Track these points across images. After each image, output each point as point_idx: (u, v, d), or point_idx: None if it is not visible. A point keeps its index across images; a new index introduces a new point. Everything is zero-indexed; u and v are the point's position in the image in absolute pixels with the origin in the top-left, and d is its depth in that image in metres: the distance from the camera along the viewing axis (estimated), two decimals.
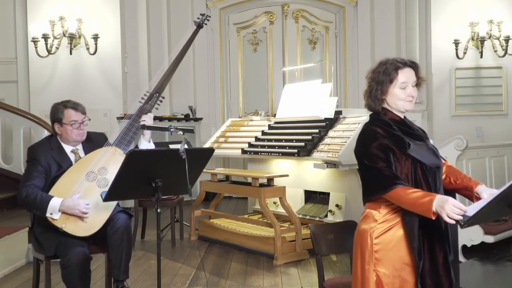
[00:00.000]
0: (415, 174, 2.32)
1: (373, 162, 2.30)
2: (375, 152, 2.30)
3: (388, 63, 2.41)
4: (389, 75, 2.38)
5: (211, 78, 8.84)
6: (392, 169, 2.28)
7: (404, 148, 2.31)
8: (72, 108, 3.43)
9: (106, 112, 7.41)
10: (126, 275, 3.44)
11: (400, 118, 2.43)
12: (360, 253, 2.39)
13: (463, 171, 4.84)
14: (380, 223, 2.34)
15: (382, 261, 2.33)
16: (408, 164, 2.31)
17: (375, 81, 2.41)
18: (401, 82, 2.38)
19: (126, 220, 3.42)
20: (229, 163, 8.33)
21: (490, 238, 4.55)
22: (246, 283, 4.27)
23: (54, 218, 3.21)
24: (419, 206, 2.20)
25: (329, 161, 4.97)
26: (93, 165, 3.35)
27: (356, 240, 2.44)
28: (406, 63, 2.41)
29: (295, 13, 8.83)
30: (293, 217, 5.04)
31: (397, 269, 2.32)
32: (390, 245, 2.33)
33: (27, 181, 3.31)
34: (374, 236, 2.33)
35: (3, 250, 4.57)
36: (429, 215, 2.18)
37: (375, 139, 2.32)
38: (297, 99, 5.90)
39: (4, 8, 7.85)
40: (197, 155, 3.02)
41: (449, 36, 7.67)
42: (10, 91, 7.83)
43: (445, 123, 7.93)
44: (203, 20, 4.04)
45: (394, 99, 2.39)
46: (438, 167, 2.39)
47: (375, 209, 2.37)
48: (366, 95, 2.45)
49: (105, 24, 7.41)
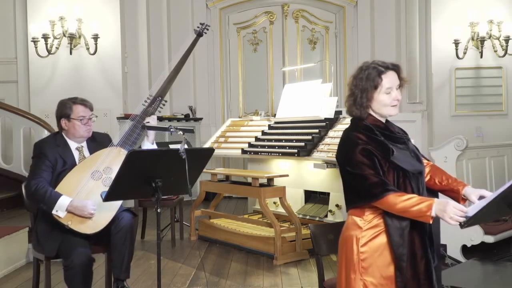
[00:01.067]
0: (398, 181, 2.26)
1: (359, 169, 2.23)
2: (360, 158, 2.23)
3: (370, 68, 2.31)
4: (373, 81, 2.29)
5: (211, 78, 8.84)
6: (380, 175, 2.21)
7: (388, 154, 2.25)
8: (81, 104, 3.49)
9: (106, 112, 7.41)
10: (128, 274, 3.45)
11: (382, 122, 2.35)
12: (345, 261, 2.33)
13: (463, 171, 4.87)
14: (365, 230, 2.28)
15: (369, 270, 2.27)
16: (391, 170, 2.25)
17: (358, 88, 2.31)
18: (386, 87, 2.30)
19: (131, 219, 3.45)
20: (229, 163, 8.33)
21: (490, 238, 4.55)
22: (246, 283, 4.27)
23: (59, 216, 3.24)
24: (415, 212, 2.16)
25: (329, 161, 4.97)
26: (98, 164, 3.39)
27: (341, 248, 2.37)
28: (388, 66, 2.32)
29: (295, 13, 8.83)
30: (293, 217, 5.04)
31: (384, 277, 2.27)
32: (377, 253, 2.27)
33: (36, 174, 3.34)
34: (360, 244, 2.27)
35: (3, 250, 4.56)
36: (427, 220, 2.16)
37: (357, 145, 2.25)
38: (297, 99, 5.90)
39: (4, 8, 7.85)
40: (197, 155, 3.02)
41: (449, 36, 7.66)
42: (10, 91, 7.82)
43: (445, 123, 7.93)
44: (203, 29, 4.10)
45: (379, 105, 2.32)
46: (420, 173, 2.34)
47: (358, 216, 2.30)
48: (349, 103, 2.35)
49: (105, 24, 7.41)
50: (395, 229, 2.23)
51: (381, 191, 2.19)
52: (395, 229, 2.23)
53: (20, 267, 4.73)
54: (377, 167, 2.23)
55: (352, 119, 2.40)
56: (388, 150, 2.26)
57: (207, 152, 3.18)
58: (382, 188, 2.19)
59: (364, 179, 2.22)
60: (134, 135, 3.57)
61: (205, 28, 4.08)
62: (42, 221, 3.39)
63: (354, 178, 2.27)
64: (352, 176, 2.27)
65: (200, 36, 4.09)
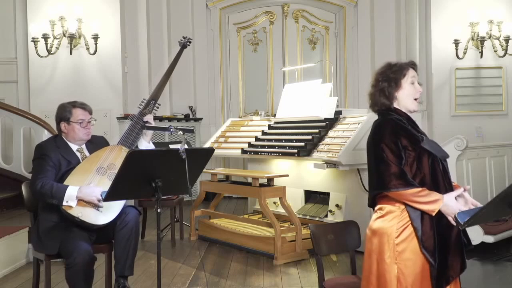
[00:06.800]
0: (433, 167, 2.41)
1: (385, 155, 2.39)
2: (389, 145, 2.39)
3: (397, 64, 2.60)
4: (402, 70, 2.56)
5: (211, 78, 8.84)
6: (401, 166, 2.36)
7: (418, 141, 2.42)
8: (80, 107, 3.57)
9: (106, 112, 7.41)
10: (131, 271, 3.47)
11: (408, 115, 2.55)
12: (378, 249, 2.43)
13: (463, 171, 4.87)
14: (400, 217, 2.40)
15: (403, 254, 2.38)
16: (425, 158, 2.41)
17: (386, 78, 2.55)
18: (411, 76, 2.56)
19: (136, 216, 3.51)
20: (229, 163, 8.33)
21: (490, 238, 4.55)
22: (246, 283, 4.27)
23: (71, 206, 3.28)
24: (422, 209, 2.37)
25: (329, 161, 4.97)
26: (102, 161, 3.47)
27: (372, 237, 2.47)
28: (408, 64, 2.62)
29: (295, 13, 8.83)
30: (293, 217, 5.04)
31: (418, 260, 2.38)
32: (411, 237, 2.39)
33: (40, 173, 3.38)
34: (396, 234, 2.39)
35: (3, 250, 4.56)
36: (431, 214, 2.36)
37: (391, 132, 2.41)
38: (297, 99, 5.90)
39: (4, 8, 7.85)
40: (197, 155, 3.03)
41: (449, 36, 7.67)
42: (10, 91, 7.82)
43: (445, 123, 7.93)
44: (186, 42, 4.26)
45: (403, 95, 2.53)
46: (445, 159, 2.50)
47: (390, 203, 2.43)
48: (376, 94, 2.57)
49: (105, 24, 7.41)
50: (415, 214, 2.39)
51: (400, 183, 2.35)
52: (415, 215, 2.39)
53: (20, 267, 4.73)
54: (402, 158, 2.38)
55: (379, 111, 2.59)
56: (417, 137, 2.44)
57: (207, 152, 3.19)
58: (401, 181, 2.35)
59: (388, 165, 2.37)
60: (134, 134, 3.67)
61: (188, 41, 4.26)
62: (43, 220, 3.41)
63: (379, 164, 2.42)
64: (378, 162, 2.42)
65: (184, 47, 4.26)
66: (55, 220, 3.38)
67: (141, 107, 3.83)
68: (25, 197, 3.56)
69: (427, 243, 2.36)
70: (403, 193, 2.35)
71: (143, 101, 3.87)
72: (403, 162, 2.38)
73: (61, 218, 3.37)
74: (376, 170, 2.43)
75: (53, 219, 3.38)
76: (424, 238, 2.35)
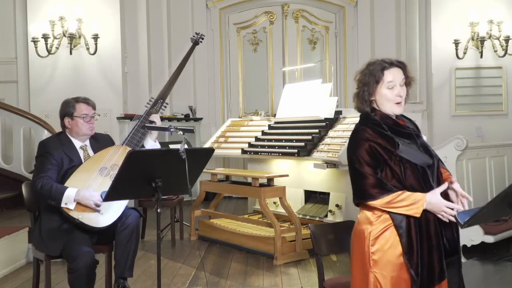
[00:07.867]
0: (405, 174, 2.30)
1: (360, 166, 2.31)
2: (364, 155, 2.30)
3: (376, 63, 2.40)
4: (375, 75, 2.37)
5: (211, 78, 8.83)
6: (377, 175, 2.28)
7: (394, 148, 2.30)
8: (84, 102, 3.57)
9: (106, 112, 7.39)
10: (131, 273, 3.47)
11: (390, 117, 2.40)
12: (357, 254, 2.38)
13: (463, 171, 4.87)
14: (375, 224, 2.33)
15: (379, 262, 2.30)
16: (397, 163, 2.30)
17: (362, 82, 2.42)
18: (387, 81, 2.37)
19: (137, 218, 3.50)
20: (229, 163, 8.33)
21: (490, 238, 4.55)
22: (246, 283, 4.27)
23: (69, 208, 3.27)
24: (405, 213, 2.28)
25: (329, 161, 4.97)
26: (105, 161, 3.46)
27: (353, 242, 2.43)
28: (393, 63, 2.40)
29: (295, 13, 8.83)
30: (293, 217, 5.04)
31: (395, 269, 2.29)
32: (387, 246, 2.30)
33: (41, 172, 3.37)
34: (371, 239, 2.32)
35: (3, 250, 4.56)
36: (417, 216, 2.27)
37: (364, 141, 2.31)
38: (297, 99, 5.90)
39: (4, 8, 7.84)
40: (197, 155, 3.03)
41: (449, 36, 7.66)
42: (10, 91, 7.81)
43: (445, 123, 7.93)
44: (198, 38, 4.20)
45: (382, 99, 2.38)
46: (429, 166, 2.36)
47: (369, 210, 2.36)
48: (355, 97, 2.46)
49: (105, 24, 7.40)
50: (400, 221, 2.29)
51: (370, 194, 2.29)
52: (400, 221, 2.29)
53: (20, 267, 4.73)
54: (377, 165, 2.29)
55: (361, 114, 2.47)
56: (394, 143, 2.31)
57: (207, 152, 3.19)
58: (373, 191, 2.28)
59: (362, 177, 2.30)
60: (139, 134, 3.66)
61: (200, 38, 4.20)
62: (46, 220, 3.40)
63: (355, 174, 2.34)
64: (354, 171, 2.35)
65: (196, 44, 4.22)
66: (58, 221, 3.36)
67: (148, 106, 3.81)
68: (25, 197, 3.55)
69: (410, 254, 2.26)
70: (381, 202, 2.27)
71: (150, 100, 3.85)
72: (378, 169, 2.29)
73: (64, 219, 3.36)
74: (353, 179, 2.37)
75: (56, 219, 3.37)
76: (407, 250, 2.27)
